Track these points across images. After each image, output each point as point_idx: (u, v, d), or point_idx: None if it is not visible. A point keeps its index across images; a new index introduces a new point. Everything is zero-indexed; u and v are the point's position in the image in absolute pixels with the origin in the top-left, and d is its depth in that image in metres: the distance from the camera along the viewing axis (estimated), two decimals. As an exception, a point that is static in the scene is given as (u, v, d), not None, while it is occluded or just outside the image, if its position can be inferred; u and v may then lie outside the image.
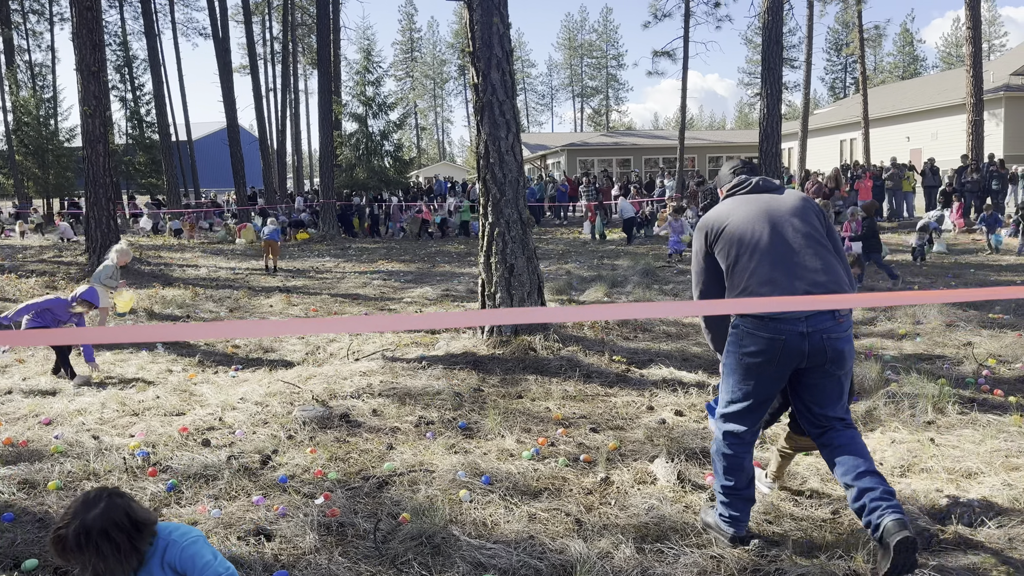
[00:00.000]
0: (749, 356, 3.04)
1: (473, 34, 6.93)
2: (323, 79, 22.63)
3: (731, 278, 3.16)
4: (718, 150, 42.98)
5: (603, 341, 7.32)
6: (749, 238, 3.12)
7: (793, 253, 3.07)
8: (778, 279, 3.02)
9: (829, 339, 2.98)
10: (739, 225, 3.16)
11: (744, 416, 3.14)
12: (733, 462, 3.18)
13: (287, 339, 8.23)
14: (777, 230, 3.11)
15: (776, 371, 3.03)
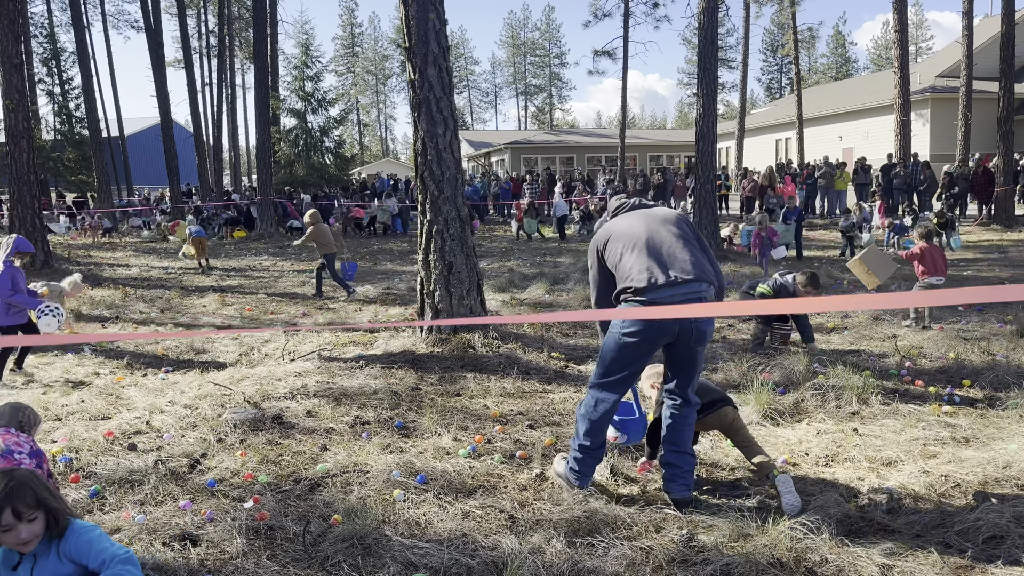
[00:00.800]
0: (628, 336, 3.53)
1: (409, 30, 6.87)
2: (260, 74, 22.15)
3: (618, 272, 3.66)
4: (659, 149, 43.64)
5: (543, 338, 7.35)
6: (629, 239, 3.67)
7: (666, 247, 3.62)
8: (654, 267, 3.55)
9: (695, 321, 3.50)
10: (622, 232, 3.72)
11: (615, 387, 3.66)
12: (595, 426, 3.69)
13: (220, 340, 8.04)
14: (652, 231, 3.67)
15: (648, 348, 3.56)
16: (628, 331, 3.53)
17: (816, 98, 40.04)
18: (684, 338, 3.54)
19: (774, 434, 4.62)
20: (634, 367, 3.65)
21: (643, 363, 3.68)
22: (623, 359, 3.60)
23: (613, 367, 3.64)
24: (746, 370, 5.91)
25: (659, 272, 3.53)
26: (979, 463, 3.92)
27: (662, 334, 3.51)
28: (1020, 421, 4.59)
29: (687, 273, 3.53)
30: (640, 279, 3.54)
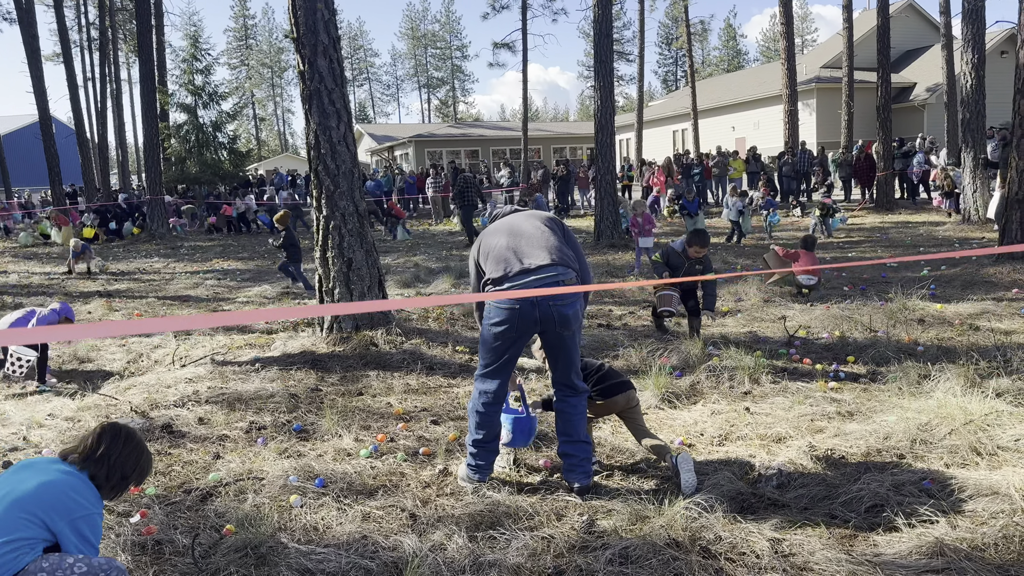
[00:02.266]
0: (495, 326, 3.64)
1: (297, 19, 6.66)
2: (145, 67, 21.10)
3: (487, 265, 3.79)
4: (562, 141, 44.16)
5: (448, 332, 7.30)
6: (495, 239, 3.84)
7: (524, 239, 3.77)
8: (510, 257, 3.70)
9: (555, 307, 3.59)
10: (490, 235, 3.91)
11: (493, 376, 3.74)
12: (484, 418, 3.74)
13: (106, 348, 7.62)
14: (515, 228, 3.85)
15: (515, 335, 3.65)
16: (493, 320, 3.65)
17: (710, 90, 41.41)
18: (548, 324, 3.63)
19: (671, 416, 4.74)
20: (508, 356, 3.72)
21: (516, 351, 3.76)
22: (495, 349, 3.70)
23: (488, 357, 3.75)
24: (645, 356, 6.04)
25: (514, 262, 3.67)
26: (862, 435, 4.12)
27: (525, 320, 3.60)
28: (899, 394, 4.86)
29: (541, 260, 3.66)
30: (496, 271, 3.69)
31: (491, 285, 3.71)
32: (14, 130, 50.74)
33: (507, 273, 3.65)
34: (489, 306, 3.68)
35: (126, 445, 2.66)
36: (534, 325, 3.62)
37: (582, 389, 3.80)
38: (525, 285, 3.59)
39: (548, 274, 3.62)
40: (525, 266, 3.65)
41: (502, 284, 3.65)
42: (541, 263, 3.64)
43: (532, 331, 3.68)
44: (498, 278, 3.68)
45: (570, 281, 3.66)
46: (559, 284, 3.60)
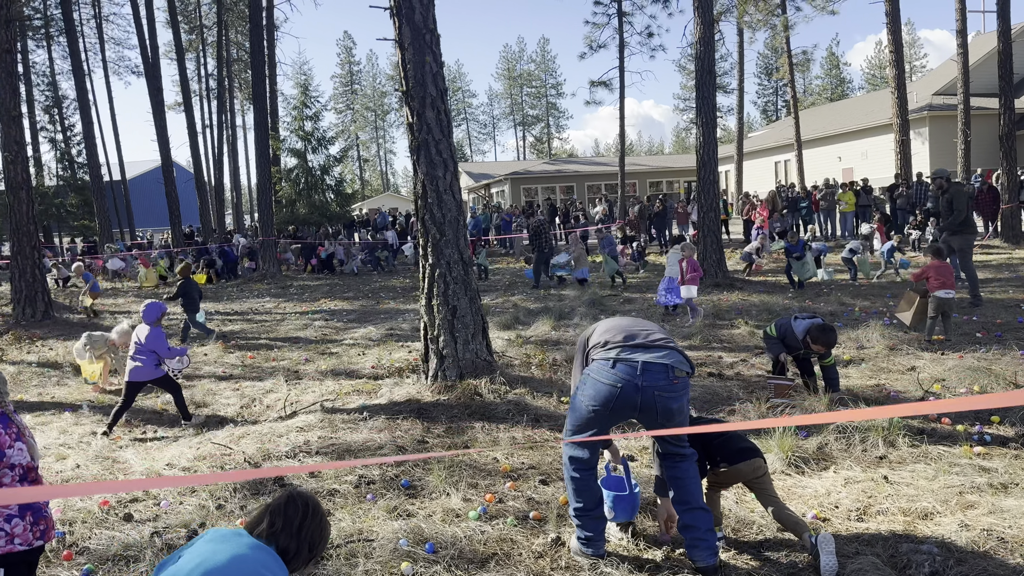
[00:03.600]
0: (588, 399, 3.44)
1: (406, 73, 6.78)
2: (259, 115, 22.22)
3: (596, 335, 3.67)
4: (658, 175, 43.72)
5: (551, 381, 7.16)
6: (614, 319, 3.79)
7: (649, 324, 3.67)
8: (624, 330, 3.58)
9: (660, 397, 3.35)
10: (608, 319, 3.87)
11: (583, 444, 3.55)
12: (580, 485, 3.55)
13: (221, 392, 7.85)
14: (636, 319, 3.77)
15: (609, 415, 3.44)
16: (588, 393, 3.46)
17: (813, 119, 40.16)
18: (649, 413, 3.40)
19: (800, 484, 4.41)
20: (597, 430, 3.51)
21: (608, 425, 3.54)
22: (586, 420, 3.50)
23: (577, 424, 3.56)
24: (765, 412, 5.70)
25: (629, 334, 3.53)
26: (1022, 513, 3.70)
27: (623, 403, 3.37)
28: (1057, 461, 4.38)
29: (659, 339, 3.51)
30: (606, 336, 3.57)
31: (600, 349, 3.56)
32: (139, 175, 54.38)
33: (624, 341, 3.49)
34: (588, 376, 3.51)
35: (313, 517, 2.56)
36: (632, 411, 3.42)
37: (689, 454, 3.57)
38: (635, 358, 3.40)
39: (660, 354, 3.43)
40: (639, 340, 3.50)
41: (609, 350, 3.49)
42: (658, 341, 3.50)
43: (628, 416, 3.49)
44: (606, 342, 3.54)
45: (681, 374, 3.42)
46: (668, 370, 3.37)
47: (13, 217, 13.32)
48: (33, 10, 37.15)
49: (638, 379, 3.34)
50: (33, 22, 37.17)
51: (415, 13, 6.62)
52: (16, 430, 2.97)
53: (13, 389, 8.57)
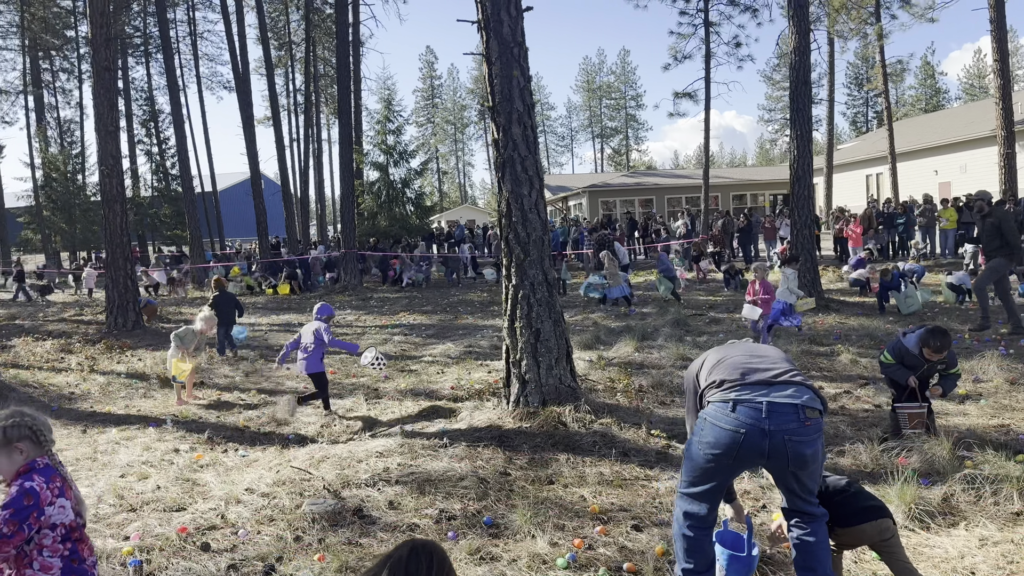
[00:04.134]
0: (708, 446, 3.08)
1: (492, 88, 6.58)
2: (343, 130, 22.60)
3: (712, 372, 3.30)
4: (741, 188, 42.54)
5: (639, 409, 6.81)
6: (729, 350, 3.43)
7: (771, 356, 3.31)
8: (745, 364, 3.22)
9: (791, 441, 2.97)
10: (721, 348, 3.52)
11: (700, 499, 3.19)
12: (693, 544, 3.20)
13: (302, 411, 7.80)
14: (753, 347, 3.47)
15: (732, 464, 3.07)
16: (707, 439, 3.09)
17: (908, 131, 38.36)
18: (779, 460, 3.03)
19: (927, 542, 3.95)
20: (718, 483, 3.17)
21: (730, 477, 3.22)
22: (704, 471, 3.15)
23: (694, 476, 3.20)
24: (878, 454, 5.21)
25: (752, 372, 3.15)
26: None
27: (748, 450, 3.01)
28: None
29: (787, 376, 3.11)
30: (724, 374, 3.19)
31: (715, 390, 3.20)
32: (229, 186, 56.38)
33: (742, 379, 3.12)
34: (705, 420, 3.15)
35: (440, 570, 2.30)
36: (759, 458, 3.06)
37: (820, 514, 3.18)
38: (760, 399, 3.03)
39: (787, 392, 3.04)
40: (760, 376, 3.12)
41: (728, 391, 3.12)
42: (781, 376, 3.10)
43: (755, 463, 3.16)
44: (721, 381, 3.17)
45: (814, 414, 3.04)
46: (798, 410, 3.00)
47: (108, 229, 13.80)
48: (133, 29, 39.02)
49: (764, 423, 2.97)
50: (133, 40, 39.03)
51: (503, 26, 6.42)
52: (60, 484, 2.74)
53: (102, 400, 8.76)
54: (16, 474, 2.68)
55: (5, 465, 2.70)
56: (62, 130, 42.11)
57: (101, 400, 8.73)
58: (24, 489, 2.61)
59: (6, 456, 2.69)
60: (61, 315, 17.61)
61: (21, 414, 2.77)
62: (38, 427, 2.75)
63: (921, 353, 5.32)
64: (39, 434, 2.75)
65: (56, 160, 36.52)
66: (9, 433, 2.70)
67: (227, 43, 29.11)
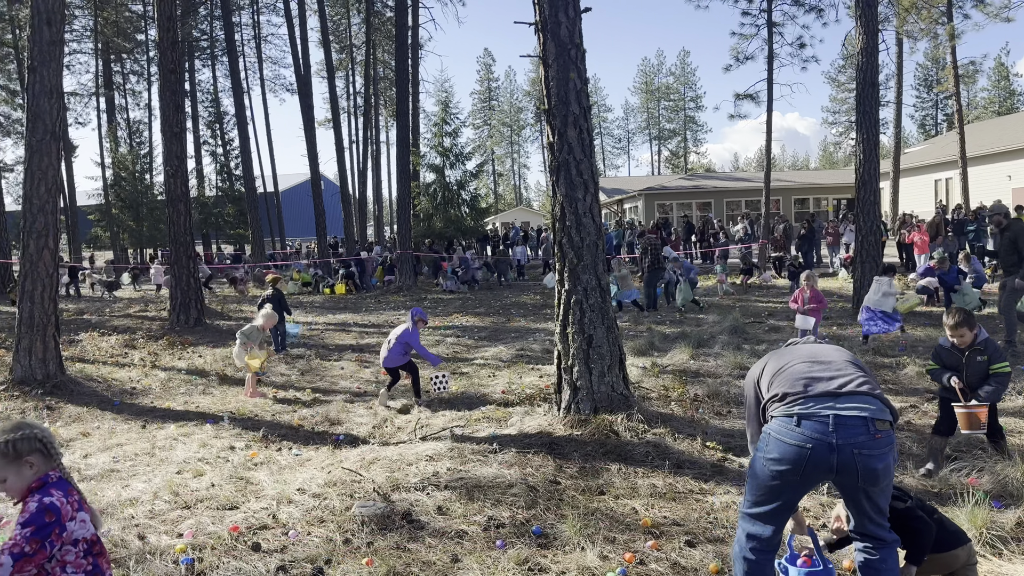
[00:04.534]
0: (773, 462, 2.96)
1: (548, 91, 6.51)
2: (401, 132, 22.82)
3: (774, 383, 3.16)
4: (804, 191, 41.59)
5: (693, 420, 6.65)
6: (790, 356, 3.28)
7: (836, 364, 3.13)
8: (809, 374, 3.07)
9: (861, 455, 2.83)
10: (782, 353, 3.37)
11: (765, 520, 3.05)
12: (754, 568, 3.06)
13: (354, 410, 7.86)
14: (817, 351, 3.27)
15: (799, 480, 2.94)
16: (772, 455, 2.96)
17: (980, 135, 36.95)
18: (848, 476, 2.89)
19: (999, 570, 3.73)
20: (784, 501, 3.03)
21: (797, 495, 3.06)
22: (770, 489, 3.01)
23: (759, 496, 3.06)
24: (947, 473, 4.97)
25: (817, 383, 3.00)
26: None
27: (816, 465, 2.87)
28: None
29: (854, 385, 2.95)
30: (786, 386, 3.05)
31: (777, 403, 3.06)
32: (290, 187, 57.55)
33: (805, 392, 2.98)
34: (768, 436, 3.02)
35: None
36: (827, 473, 2.92)
37: (891, 540, 3.02)
38: (827, 412, 2.89)
39: (855, 404, 2.89)
40: (824, 387, 2.97)
41: (794, 404, 2.98)
42: (846, 386, 2.94)
43: (823, 479, 3.01)
44: (784, 395, 3.03)
45: (884, 426, 2.89)
46: (867, 423, 2.85)
47: (172, 228, 14.18)
48: (200, 32, 40.16)
49: (831, 436, 2.83)
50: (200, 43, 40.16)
51: (561, 28, 6.35)
52: (78, 497, 2.65)
53: (162, 395, 8.97)
54: (27, 490, 2.58)
55: (15, 482, 2.57)
56: (131, 131, 43.58)
57: (161, 396, 8.94)
58: (44, 505, 2.51)
59: (15, 472, 2.57)
60: (126, 311, 18.17)
61: (28, 426, 2.64)
62: (47, 439, 2.64)
63: (953, 345, 5.08)
64: (49, 446, 2.63)
65: (125, 160, 37.79)
66: (19, 447, 2.57)
67: (290, 46, 29.72)
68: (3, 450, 2.55)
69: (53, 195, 9.19)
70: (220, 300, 20.29)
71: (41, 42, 9.16)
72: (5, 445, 2.56)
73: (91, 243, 40.08)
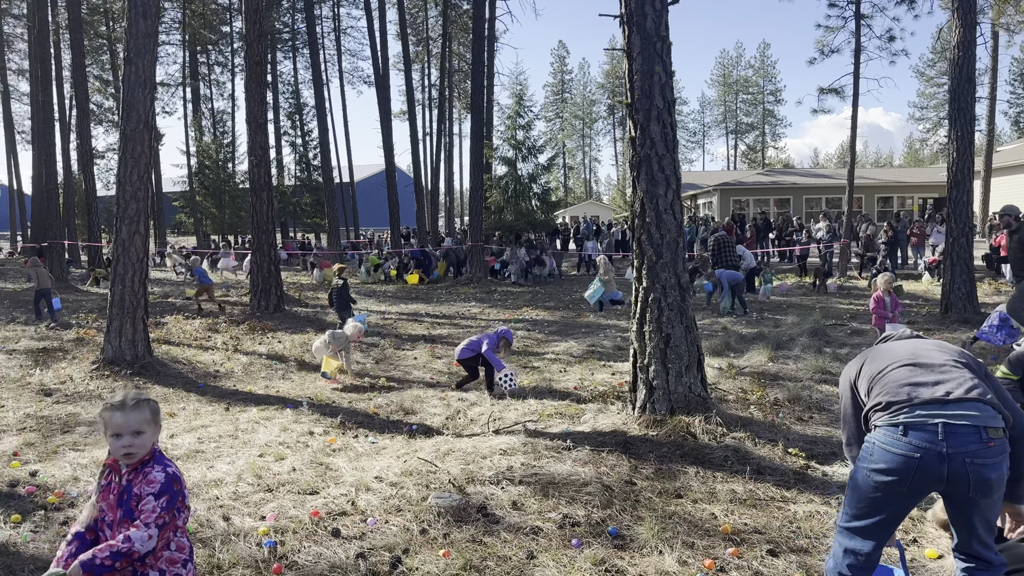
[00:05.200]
0: (877, 473, 2.82)
1: (632, 84, 6.41)
2: (476, 124, 22.92)
3: (875, 388, 3.02)
4: (887, 190, 40.05)
5: (774, 425, 6.47)
6: (885, 359, 3.11)
7: (940, 367, 2.96)
8: (915, 379, 2.92)
9: (974, 464, 2.69)
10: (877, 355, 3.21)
11: (866, 534, 2.91)
12: None
13: (428, 400, 7.94)
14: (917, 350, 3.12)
15: (906, 492, 2.79)
16: (877, 465, 2.82)
17: (1085, 132, 34.83)
18: (959, 486, 2.73)
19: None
20: (887, 515, 2.87)
21: (903, 509, 2.89)
22: (873, 502, 2.86)
23: (860, 509, 2.91)
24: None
25: (922, 389, 2.85)
26: None
27: (925, 476, 2.73)
28: None
29: (961, 391, 2.79)
30: (890, 395, 2.90)
31: (881, 412, 2.92)
32: (365, 178, 58.66)
33: (910, 400, 2.84)
34: (873, 445, 2.89)
35: None
36: (936, 484, 2.78)
37: (998, 562, 2.86)
38: (934, 421, 2.75)
39: (965, 411, 2.74)
40: (929, 394, 2.82)
41: (896, 414, 2.85)
42: (962, 396, 2.79)
43: (930, 490, 2.85)
44: (887, 404, 2.90)
45: (997, 434, 2.74)
46: (979, 431, 2.71)
47: (255, 216, 14.58)
48: (282, 24, 41.17)
49: (940, 445, 2.71)
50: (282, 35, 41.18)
51: (647, 20, 6.24)
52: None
53: (244, 379, 9.25)
54: (149, 453, 2.70)
55: (147, 440, 2.69)
56: (215, 120, 45.08)
57: (243, 379, 9.22)
58: (171, 475, 2.67)
59: (152, 432, 2.70)
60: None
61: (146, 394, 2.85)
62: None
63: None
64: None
65: (209, 148, 39.13)
66: (157, 409, 2.79)
67: (368, 39, 30.19)
68: (153, 407, 2.74)
69: (145, 182, 9.55)
70: (297, 288, 20.81)
71: (137, 34, 9.51)
72: (155, 404, 2.76)
73: (175, 228, 41.67)
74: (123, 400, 2.68)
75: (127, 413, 2.64)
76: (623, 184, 64.28)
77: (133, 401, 2.67)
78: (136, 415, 2.65)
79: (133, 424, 2.63)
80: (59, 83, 27.56)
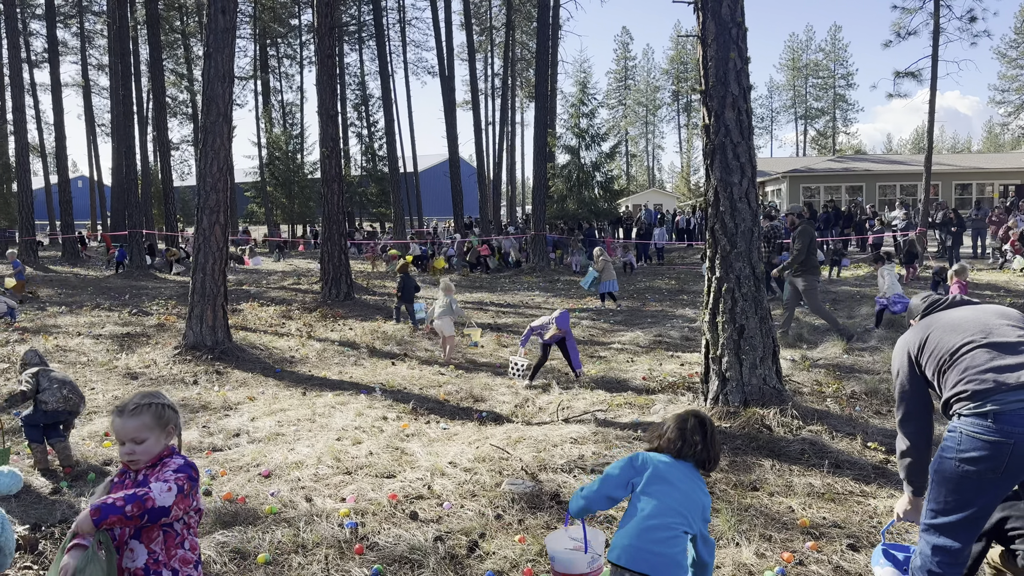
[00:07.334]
0: (966, 462, 2.71)
1: (706, 71, 6.32)
2: (539, 113, 22.89)
3: (944, 377, 2.91)
4: (966, 176, 38.47)
5: (851, 418, 6.33)
6: (958, 334, 2.94)
7: (1012, 343, 2.84)
8: (1000, 364, 2.76)
9: None
10: (945, 328, 3.02)
11: (954, 531, 2.78)
12: None
13: (497, 388, 8.02)
14: (990, 326, 2.93)
15: (1000, 480, 2.68)
16: (966, 454, 2.72)
17: None
18: None
19: None
20: (981, 505, 2.75)
21: (994, 500, 2.77)
22: (962, 493, 2.75)
23: (948, 502, 2.79)
24: None
25: (1009, 372, 2.70)
26: None
27: (1019, 462, 2.62)
28: None
29: None
30: (973, 382, 2.76)
31: (966, 401, 2.80)
32: (428, 167, 59.19)
33: (997, 388, 2.70)
34: (960, 434, 2.77)
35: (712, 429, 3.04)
36: None
37: None
38: (1018, 399, 2.65)
39: None
40: (1016, 376, 2.69)
41: (983, 402, 2.72)
42: None
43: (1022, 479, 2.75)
44: (972, 392, 2.77)
45: None
46: None
47: (326, 206, 14.90)
48: (349, 17, 41.80)
49: None
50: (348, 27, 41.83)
51: (722, 6, 6.14)
52: None
53: (318, 365, 9.49)
54: (157, 456, 2.55)
55: (152, 446, 2.54)
56: (284, 112, 46.13)
57: (317, 365, 9.47)
58: (187, 462, 2.55)
59: (156, 438, 2.55)
60: (281, 283, 19.34)
61: (166, 397, 2.67)
62: (180, 422, 2.69)
63: None
64: (180, 428, 2.68)
65: (278, 140, 40.10)
66: (168, 414, 2.61)
67: (433, 30, 30.43)
68: (157, 412, 2.56)
69: (224, 173, 9.86)
70: (365, 276, 21.20)
71: (216, 30, 9.80)
72: (160, 408, 2.58)
73: (247, 218, 42.87)
74: (124, 405, 2.57)
75: (125, 419, 2.52)
76: (687, 171, 63.22)
77: (134, 406, 2.54)
78: (134, 421, 2.51)
79: (131, 431, 2.50)
80: (137, 77, 28.59)
